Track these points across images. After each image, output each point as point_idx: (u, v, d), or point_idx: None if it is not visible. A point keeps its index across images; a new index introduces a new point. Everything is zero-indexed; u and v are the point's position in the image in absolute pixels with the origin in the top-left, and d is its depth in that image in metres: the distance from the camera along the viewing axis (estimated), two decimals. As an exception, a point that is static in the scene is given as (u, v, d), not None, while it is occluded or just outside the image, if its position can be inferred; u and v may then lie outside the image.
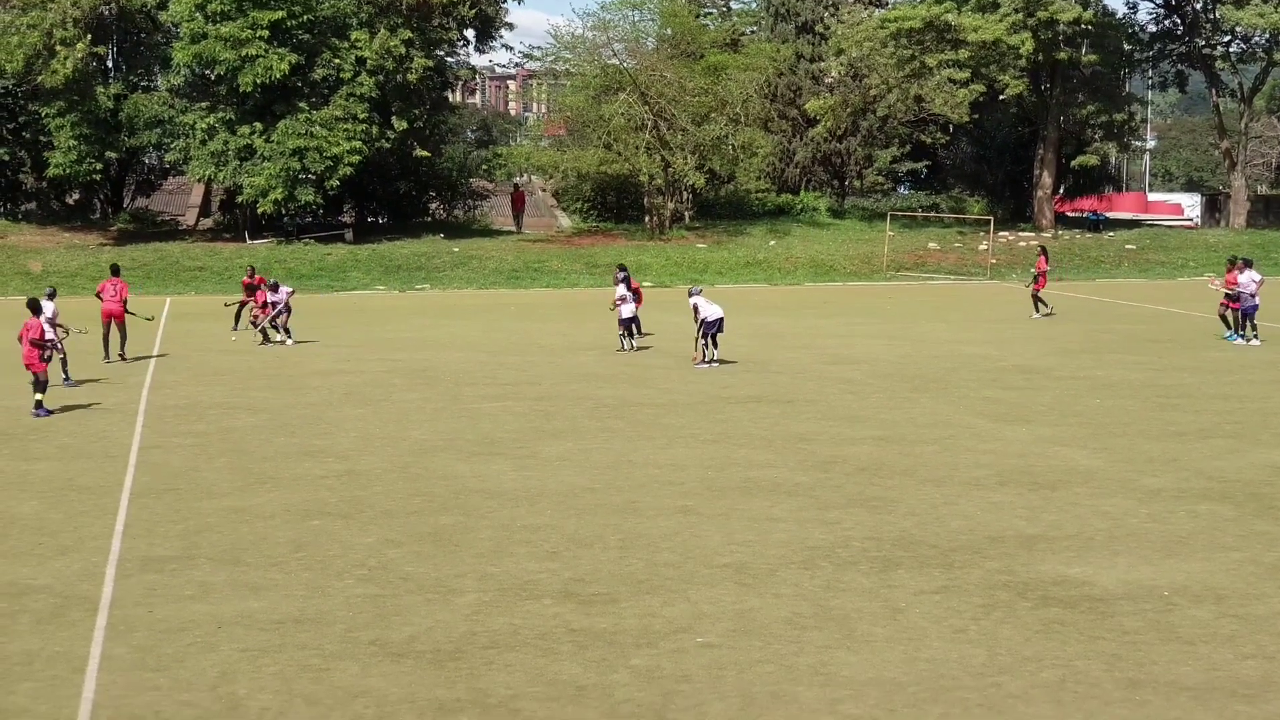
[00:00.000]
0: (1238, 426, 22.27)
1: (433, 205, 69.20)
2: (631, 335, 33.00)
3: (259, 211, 58.11)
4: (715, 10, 75.99)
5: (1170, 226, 76.60)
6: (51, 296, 27.89)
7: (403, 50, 57.35)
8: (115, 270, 33.06)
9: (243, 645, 11.91)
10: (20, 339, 24.60)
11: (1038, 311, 41.41)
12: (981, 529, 15.65)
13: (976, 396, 25.76)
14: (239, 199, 58.71)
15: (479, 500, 17.27)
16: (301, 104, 56.77)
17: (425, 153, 62.06)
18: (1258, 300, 34.73)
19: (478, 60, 75.95)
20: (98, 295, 32.11)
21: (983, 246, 62.98)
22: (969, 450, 20.34)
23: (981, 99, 65.02)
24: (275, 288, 35.39)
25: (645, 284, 52.62)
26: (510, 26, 68.07)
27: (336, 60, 57.06)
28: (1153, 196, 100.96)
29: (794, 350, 33.22)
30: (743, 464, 19.46)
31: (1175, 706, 10.37)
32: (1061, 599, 12.97)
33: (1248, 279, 34.70)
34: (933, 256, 62.88)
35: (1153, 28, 73.16)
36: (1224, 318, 35.37)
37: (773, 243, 63.09)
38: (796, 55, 72.17)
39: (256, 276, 37.00)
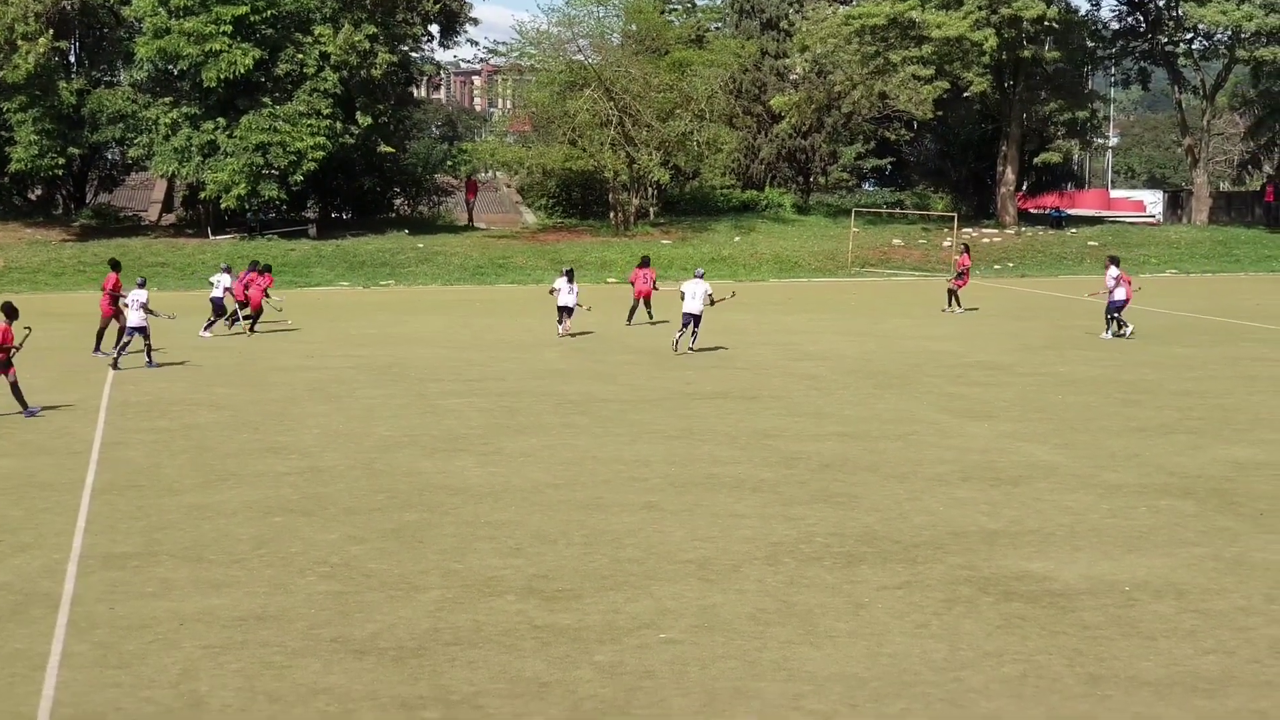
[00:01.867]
0: (1199, 422, 22.39)
1: (397, 201, 69.01)
2: (569, 316, 35.79)
3: (222, 207, 57.82)
4: (680, 6, 75.94)
5: (1133, 223, 76.91)
6: (143, 285, 30.09)
7: (367, 45, 57.18)
8: (115, 265, 33.02)
9: (204, 642, 11.87)
10: None
11: (950, 307, 42.15)
12: (944, 524, 15.70)
13: (940, 392, 25.85)
14: (202, 195, 58.42)
15: (442, 497, 17.24)
16: (265, 99, 56.54)
17: (390, 148, 61.88)
18: (1119, 296, 35.42)
19: (442, 56, 76.03)
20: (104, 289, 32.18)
21: (947, 243, 63.12)
22: (932, 446, 20.41)
23: (945, 96, 65.14)
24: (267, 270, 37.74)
25: (609, 280, 52.66)
26: (475, 22, 68.09)
27: (300, 55, 56.82)
28: (1115, 193, 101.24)
29: (759, 346, 33.26)
30: (707, 460, 19.48)
31: (1136, 701, 10.42)
32: (1023, 594, 13.03)
33: (1109, 276, 35.99)
34: (897, 253, 63.04)
35: (1115, 25, 73.51)
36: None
37: (737, 239, 63.11)
38: (761, 51, 72.23)
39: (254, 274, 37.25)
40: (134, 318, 29.41)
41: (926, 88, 63.42)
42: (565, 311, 35.59)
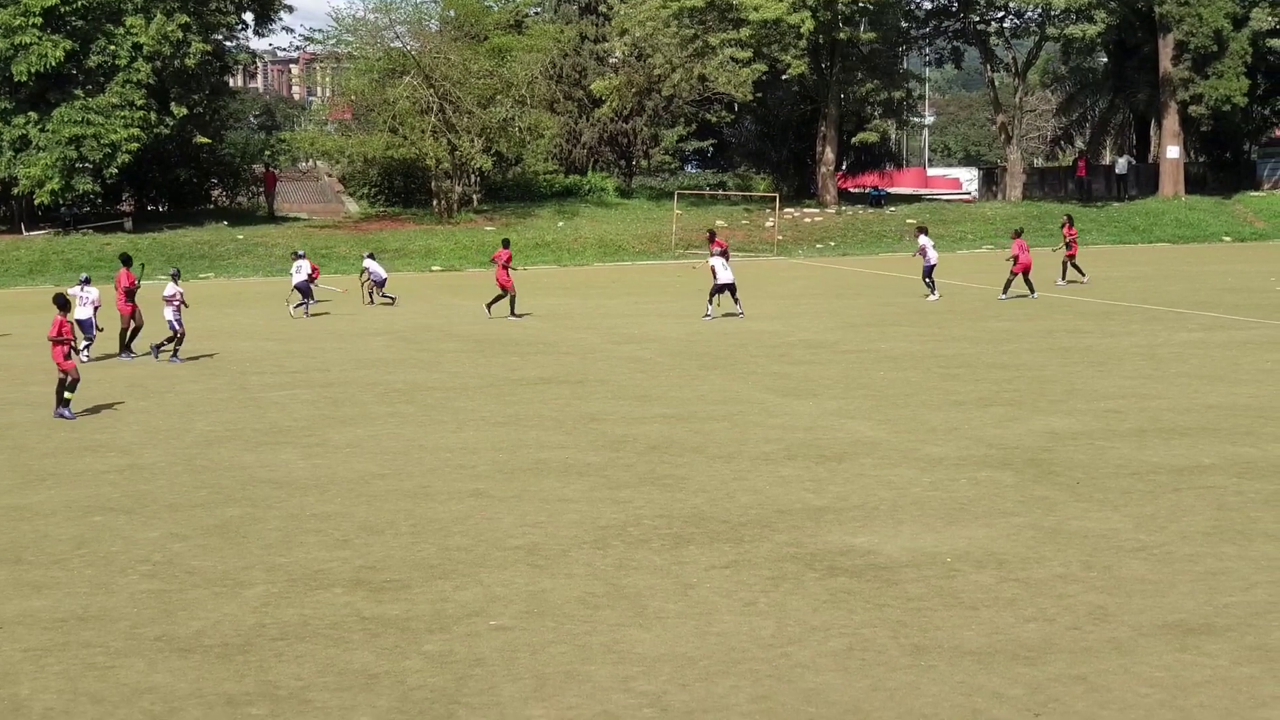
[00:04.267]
0: (1016, 394, 22.84)
1: (215, 192, 68.04)
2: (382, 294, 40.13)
3: (36, 203, 56.58)
4: (498, -9, 75.78)
5: (949, 200, 78.29)
6: (176, 278, 30.34)
7: (180, 35, 56.29)
8: (126, 260, 32.00)
9: (24, 645, 11.59)
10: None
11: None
12: (770, 503, 15.83)
13: (764, 372, 26.08)
14: (14, 190, 57.06)
15: (267, 490, 17.02)
16: (77, 92, 55.47)
17: (206, 139, 61.06)
18: (933, 260, 39.59)
19: (258, 44, 75.08)
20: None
21: (769, 223, 63.75)
22: (757, 425, 20.57)
23: (764, 78, 65.75)
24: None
25: (434, 268, 52.37)
26: (290, 9, 67.11)
27: (112, 46, 55.77)
28: (932, 171, 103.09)
29: (583, 331, 33.31)
30: (534, 445, 19.45)
31: (959, 670, 10.58)
32: (848, 568, 13.18)
33: (924, 241, 40.17)
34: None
35: (928, 5, 74.68)
36: (1011, 281, 38.70)
37: (561, 224, 63.15)
38: (580, 36, 72.30)
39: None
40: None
41: (745, 70, 63.96)
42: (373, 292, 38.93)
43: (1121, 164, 77.09)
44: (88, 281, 31.23)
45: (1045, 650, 10.96)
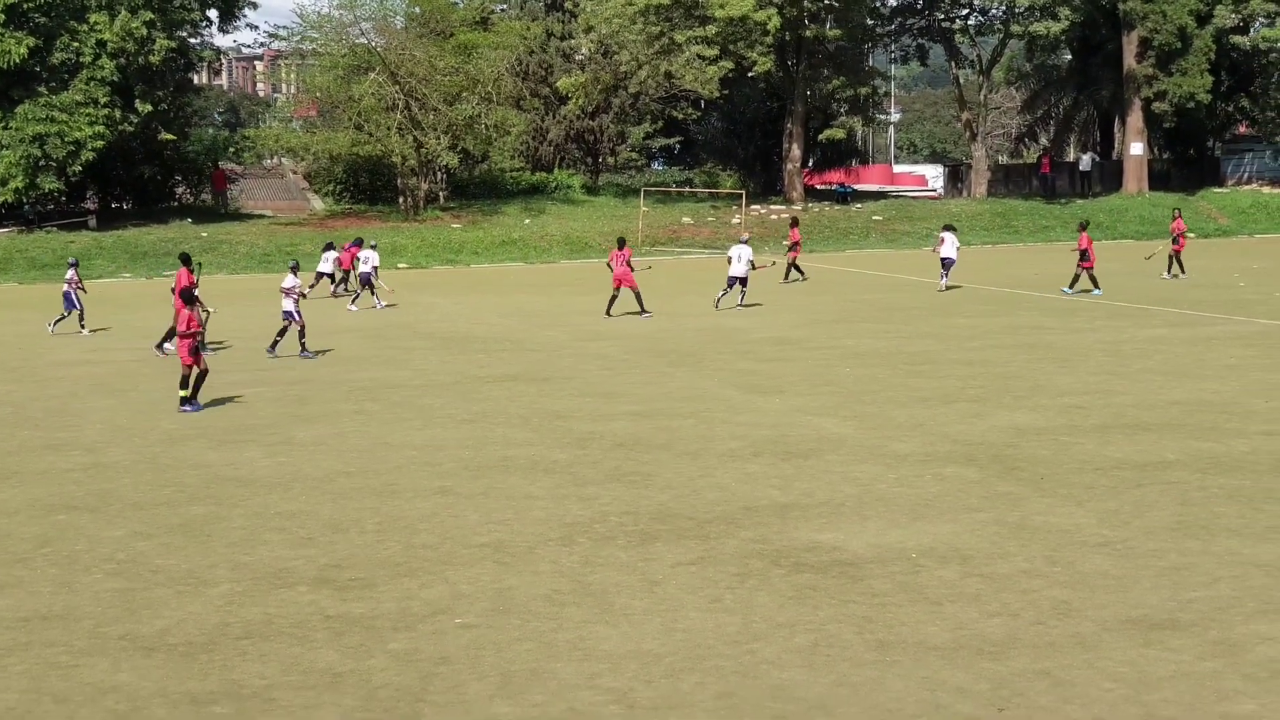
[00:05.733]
0: (980, 391, 22.91)
1: (180, 190, 67.77)
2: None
3: (-1, 201, 56.36)
4: (464, -12, 75.60)
5: (915, 197, 78.47)
6: (295, 270, 29.91)
7: (144, 32, 56.05)
8: (185, 260, 31.60)
9: (-14, 646, 11.54)
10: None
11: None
12: (736, 499, 15.84)
13: (731, 369, 26.10)
14: (-22, 189, 56.79)
15: (231, 489, 16.96)
16: (41, 89, 55.21)
17: (171, 136, 60.80)
18: (946, 254, 41.31)
19: (222, 41, 74.72)
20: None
21: (735, 220, 63.80)
22: (724, 422, 20.59)
23: (731, 75, 65.80)
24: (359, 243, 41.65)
25: (400, 265, 52.25)
26: (254, 6, 66.94)
27: (76, 43, 55.52)
28: (898, 168, 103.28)
29: (550, 328, 33.29)
30: (500, 443, 19.43)
31: (924, 666, 10.62)
32: (814, 565, 13.20)
33: (944, 235, 41.89)
34: (687, 231, 63.51)
35: (894, 2, 74.82)
36: (1080, 276, 39.06)
37: (528, 221, 63.10)
38: (547, 33, 72.23)
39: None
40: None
41: (712, 67, 64.00)
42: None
43: (1086, 161, 77.42)
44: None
45: (1009, 645, 11.00)
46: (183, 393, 22.69)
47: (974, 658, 10.75)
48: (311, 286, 39.75)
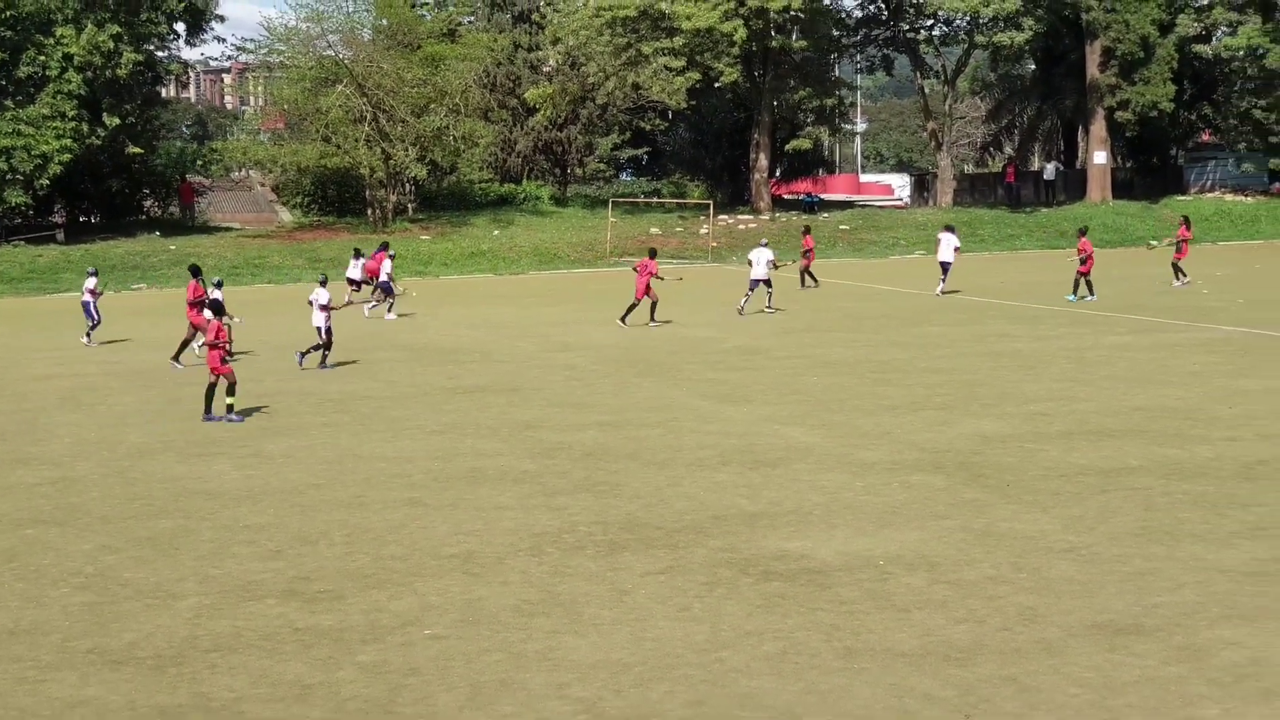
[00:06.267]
0: (947, 399, 23.01)
1: (147, 203, 67.56)
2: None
3: (-34, 215, 56.16)
4: (431, 0, 75.54)
5: (881, 207, 78.68)
6: (324, 284, 29.70)
7: (111, 45, 55.95)
8: (195, 272, 31.46)
9: (-47, 662, 11.51)
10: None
11: (804, 285, 44.40)
12: (705, 509, 15.89)
13: (700, 378, 26.15)
14: (-54, 204, 56.60)
15: (199, 502, 16.94)
16: (7, 103, 55.13)
17: (138, 149, 60.64)
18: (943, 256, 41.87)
19: (190, 54, 74.55)
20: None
21: (703, 230, 63.92)
22: (692, 432, 20.64)
23: (698, 85, 66.00)
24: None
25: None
26: (221, 19, 66.95)
27: (42, 57, 55.44)
28: (865, 177, 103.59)
29: (519, 339, 33.31)
30: (470, 453, 19.45)
31: (891, 673, 10.67)
32: (782, 573, 13.25)
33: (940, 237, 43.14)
34: (655, 241, 63.52)
35: (859, 13, 75.09)
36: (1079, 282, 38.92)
37: (496, 232, 63.11)
38: (514, 45, 72.24)
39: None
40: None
41: (679, 78, 64.19)
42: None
43: (1050, 170, 77.72)
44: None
45: (976, 651, 11.07)
46: (229, 400, 22.70)
47: (941, 664, 10.81)
48: (357, 291, 40.68)
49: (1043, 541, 14.11)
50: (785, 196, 76.94)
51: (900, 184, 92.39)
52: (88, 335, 34.37)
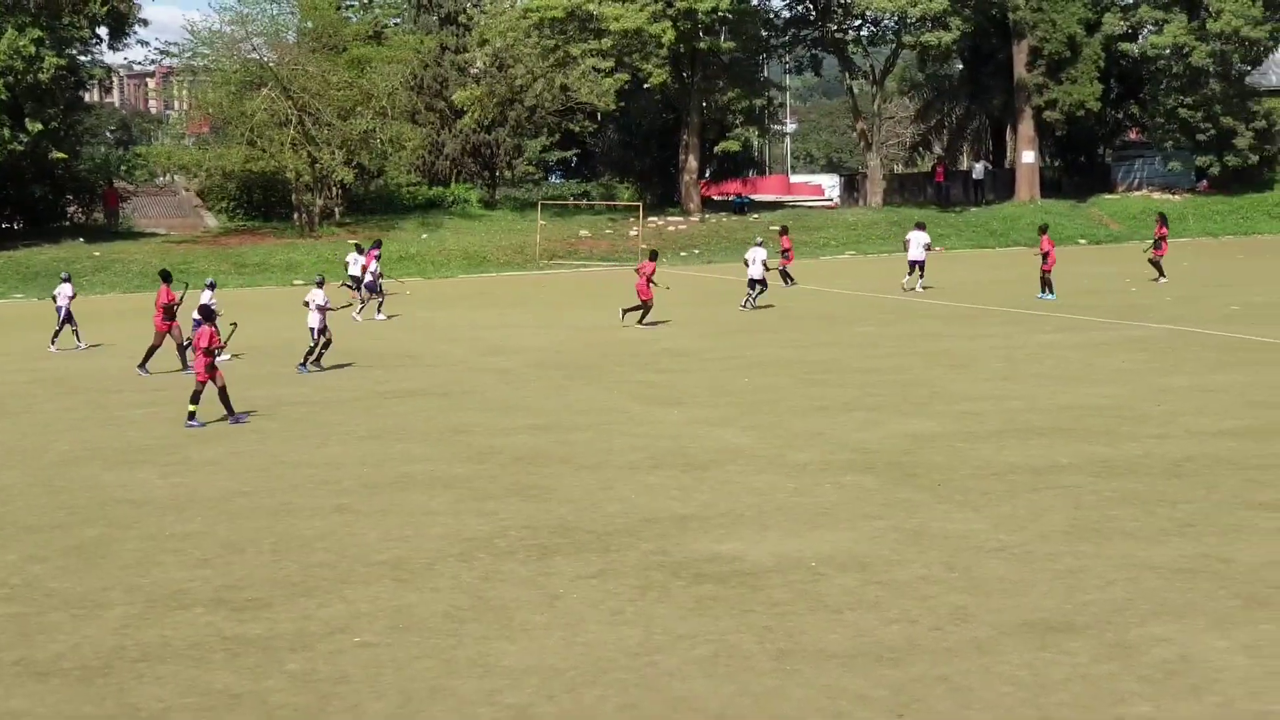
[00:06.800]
0: (879, 399, 23.07)
1: (71, 209, 66.87)
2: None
3: (-116, 222, 55.46)
4: (357, 3, 75.08)
5: (812, 207, 78.86)
6: (320, 285, 29.89)
7: (32, 50, 55.32)
8: (165, 277, 31.06)
9: (-127, 677, 11.31)
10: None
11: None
12: (637, 512, 15.85)
13: (631, 381, 26.12)
14: None
15: (125, 510, 16.74)
16: (-72, 109, 54.42)
17: (62, 155, 60.02)
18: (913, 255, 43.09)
19: (113, 58, 73.79)
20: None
21: (633, 232, 63.89)
22: (624, 435, 20.59)
23: (626, 87, 66.03)
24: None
25: (296, 282, 51.85)
26: (145, 23, 66.24)
27: (-37, 63, 54.75)
28: (795, 178, 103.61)
29: (449, 343, 33.19)
30: (400, 459, 19.33)
31: (824, 674, 10.66)
32: (714, 575, 13.22)
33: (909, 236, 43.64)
34: (585, 244, 63.53)
35: (787, 14, 75.26)
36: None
37: (425, 236, 62.86)
38: (441, 46, 71.88)
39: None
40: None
41: (607, 80, 64.20)
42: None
43: (978, 169, 78.17)
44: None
45: (908, 651, 11.07)
46: (192, 407, 22.56)
47: (873, 665, 10.81)
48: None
49: (974, 541, 14.15)
50: (715, 198, 76.96)
51: (830, 184, 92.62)
52: (77, 337, 34.49)
